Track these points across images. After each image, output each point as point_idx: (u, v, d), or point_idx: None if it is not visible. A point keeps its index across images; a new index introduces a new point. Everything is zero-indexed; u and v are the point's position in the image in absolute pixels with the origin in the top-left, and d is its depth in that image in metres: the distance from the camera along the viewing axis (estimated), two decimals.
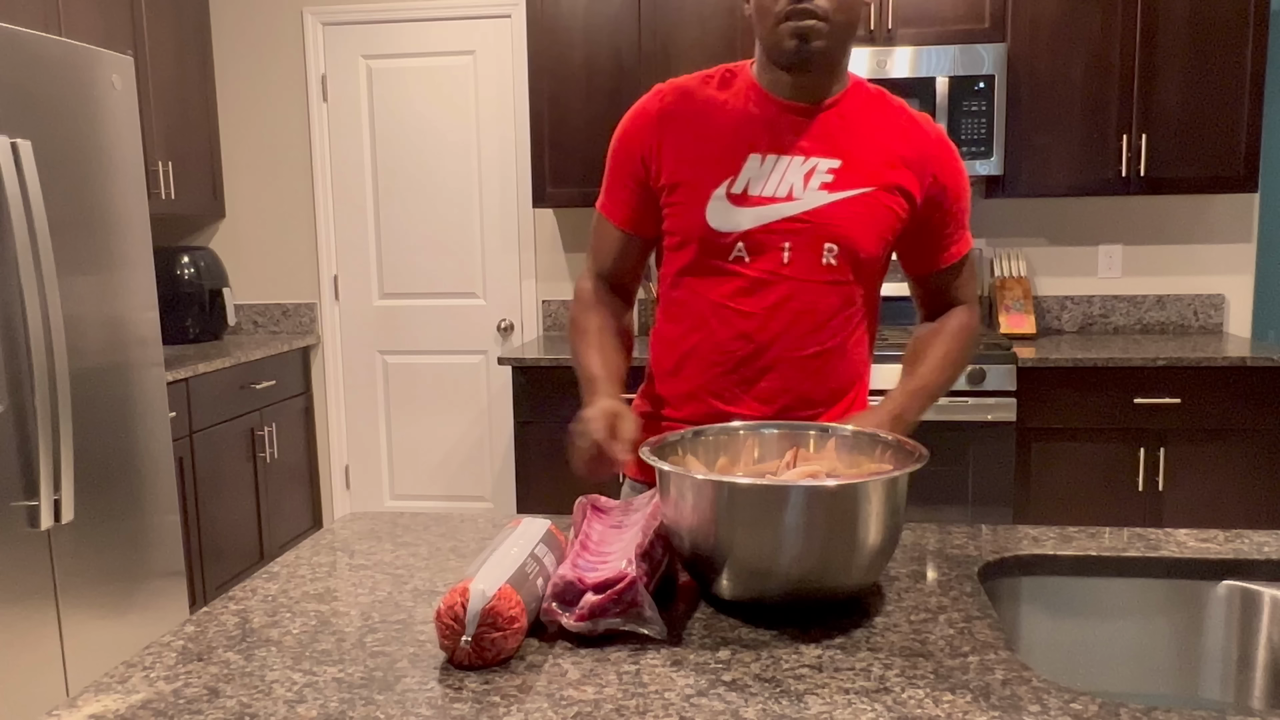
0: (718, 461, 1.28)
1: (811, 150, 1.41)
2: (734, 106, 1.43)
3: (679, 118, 1.45)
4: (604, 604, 1.03)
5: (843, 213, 1.40)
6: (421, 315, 4.14)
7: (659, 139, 1.45)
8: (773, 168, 1.40)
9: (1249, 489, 3.15)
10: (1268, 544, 1.29)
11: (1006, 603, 1.27)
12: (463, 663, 0.98)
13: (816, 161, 1.40)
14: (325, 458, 4.26)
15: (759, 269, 1.42)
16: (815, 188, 1.40)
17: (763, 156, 1.41)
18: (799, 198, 1.40)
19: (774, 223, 1.40)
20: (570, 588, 1.05)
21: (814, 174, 1.40)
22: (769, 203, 1.40)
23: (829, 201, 1.40)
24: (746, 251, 1.41)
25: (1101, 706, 0.88)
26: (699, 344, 1.47)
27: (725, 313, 1.44)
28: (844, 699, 0.90)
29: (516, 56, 3.90)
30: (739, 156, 1.41)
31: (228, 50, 4.08)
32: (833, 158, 1.41)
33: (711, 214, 1.41)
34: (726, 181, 1.41)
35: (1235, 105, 3.28)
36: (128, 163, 2.79)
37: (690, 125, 1.44)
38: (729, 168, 1.41)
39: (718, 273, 1.43)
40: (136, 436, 2.81)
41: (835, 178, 1.40)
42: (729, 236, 1.41)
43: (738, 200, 1.41)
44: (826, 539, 1.04)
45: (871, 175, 1.41)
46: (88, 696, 0.94)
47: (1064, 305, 3.76)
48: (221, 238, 4.19)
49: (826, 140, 1.41)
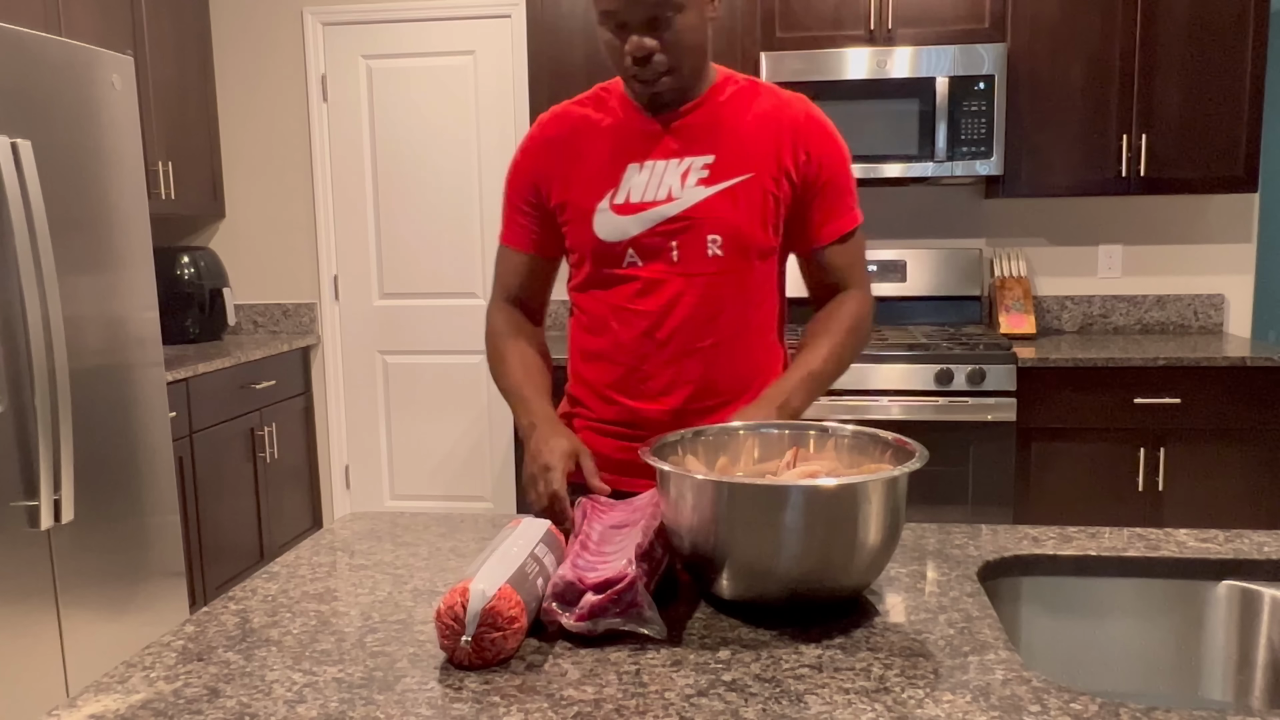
0: (718, 461, 1.28)
1: (684, 151, 1.47)
2: (608, 123, 1.51)
3: (560, 141, 1.53)
4: (604, 604, 1.03)
5: (721, 204, 1.45)
6: (421, 315, 4.14)
7: (547, 163, 1.53)
8: (650, 173, 1.47)
9: (1249, 489, 3.15)
10: (1268, 544, 1.29)
11: (1006, 603, 1.27)
12: (463, 663, 0.98)
13: (691, 160, 1.47)
14: (325, 458, 4.26)
15: (651, 270, 1.48)
16: (693, 184, 1.46)
17: (640, 165, 1.47)
18: (678, 197, 1.46)
19: (658, 225, 1.46)
20: (570, 588, 1.05)
21: (690, 172, 1.46)
22: (651, 206, 1.46)
23: (707, 195, 1.46)
24: (638, 256, 1.48)
25: (1101, 706, 0.88)
26: (604, 347, 1.53)
27: (625, 314, 1.50)
28: (844, 699, 0.90)
29: (516, 56, 3.90)
30: (618, 169, 1.48)
31: (228, 50, 4.08)
32: (706, 154, 1.47)
33: (599, 226, 1.48)
34: (609, 194, 1.48)
35: (1235, 105, 3.28)
36: (128, 163, 2.79)
37: (570, 146, 1.52)
38: (610, 181, 1.48)
39: (614, 280, 1.50)
40: (136, 436, 2.81)
41: (710, 172, 1.46)
42: (619, 245, 1.48)
43: (621, 210, 1.47)
44: (826, 539, 1.04)
45: (746, 163, 1.46)
46: (88, 696, 0.94)
47: (1064, 305, 3.76)
48: (221, 238, 4.19)
49: (698, 139, 1.47)
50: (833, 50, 3.32)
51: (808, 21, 3.39)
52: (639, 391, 1.51)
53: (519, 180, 1.56)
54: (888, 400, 3.17)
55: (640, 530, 1.14)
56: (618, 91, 1.52)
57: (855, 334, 1.52)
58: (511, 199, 1.58)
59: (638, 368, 1.50)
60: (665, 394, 1.50)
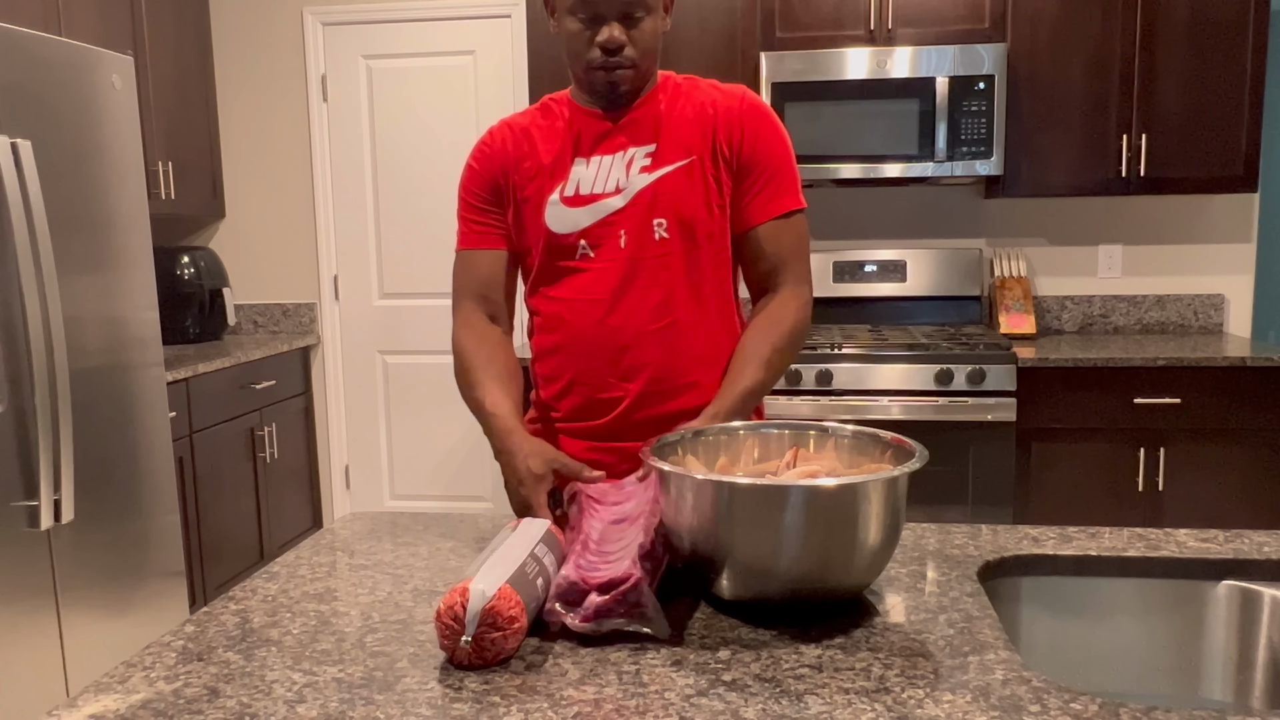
0: (718, 461, 1.28)
1: (628, 143, 1.51)
2: (556, 127, 1.55)
3: (510, 144, 1.56)
4: (609, 605, 1.03)
5: (663, 188, 1.49)
6: (421, 315, 4.14)
7: (501, 163, 1.57)
8: (598, 167, 1.51)
9: (1249, 489, 3.15)
10: (1268, 544, 1.29)
11: (1006, 603, 1.27)
12: (463, 663, 0.97)
13: (634, 150, 1.51)
14: (325, 458, 4.26)
15: (602, 259, 1.51)
16: (636, 172, 1.50)
17: (587, 160, 1.52)
18: (624, 187, 1.50)
19: (609, 215, 1.50)
20: (574, 588, 1.05)
21: (633, 161, 1.51)
22: (600, 198, 1.50)
23: (650, 181, 1.50)
24: (589, 247, 1.51)
25: (1101, 706, 0.88)
26: (562, 341, 1.55)
27: (579, 305, 1.53)
28: (844, 699, 0.90)
29: (516, 56, 3.90)
30: (565, 164, 1.52)
31: (228, 50, 4.08)
32: (648, 144, 1.51)
33: (550, 219, 1.52)
34: (559, 187, 1.52)
35: (1235, 105, 3.28)
36: (128, 163, 2.79)
37: (519, 148, 1.57)
38: (558, 175, 1.53)
39: (565, 272, 1.53)
40: (136, 436, 2.81)
41: (652, 159, 1.50)
42: (571, 237, 1.52)
43: (571, 202, 1.51)
44: (826, 539, 1.04)
45: (685, 148, 1.50)
46: (88, 696, 0.94)
47: (1064, 305, 3.76)
48: (221, 238, 4.19)
49: (641, 131, 1.52)
50: (833, 50, 3.32)
51: (808, 21, 3.39)
52: (599, 380, 1.53)
53: (475, 184, 1.59)
54: (888, 400, 3.17)
55: (641, 529, 1.14)
56: (564, 99, 1.57)
57: (793, 339, 1.53)
58: (470, 202, 1.61)
59: (595, 355, 1.52)
60: (626, 379, 1.51)
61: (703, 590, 1.16)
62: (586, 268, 1.52)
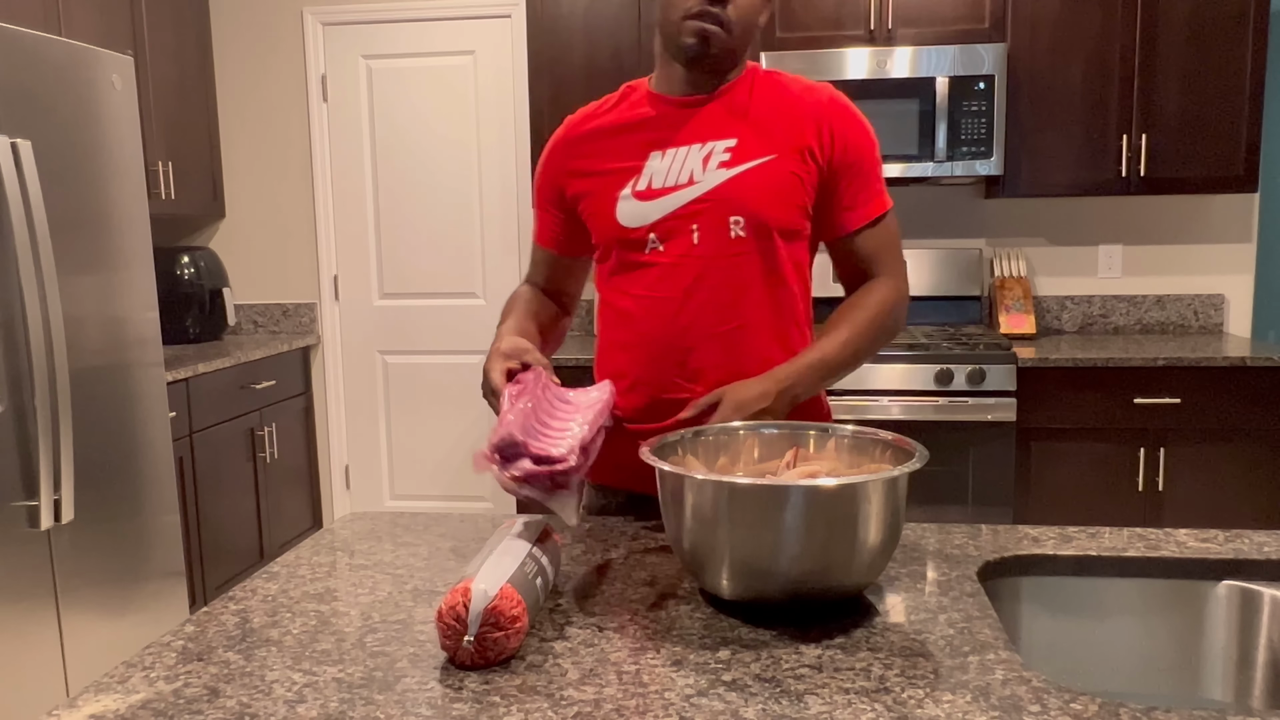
0: (718, 461, 1.28)
1: (707, 135, 1.47)
2: (632, 116, 1.52)
3: (584, 138, 1.55)
4: (539, 476, 1.11)
5: (743, 184, 1.44)
6: (421, 315, 4.14)
7: (569, 160, 1.55)
8: (673, 160, 1.47)
9: (1249, 489, 3.15)
10: (1268, 544, 1.29)
11: (1006, 603, 1.27)
12: (464, 663, 0.98)
13: (713, 144, 1.46)
14: (325, 458, 4.26)
15: (672, 255, 1.47)
16: (714, 167, 1.45)
17: (663, 153, 1.48)
18: (700, 180, 1.45)
19: (679, 208, 1.46)
20: (513, 447, 1.12)
21: (712, 155, 1.46)
22: (672, 191, 1.46)
23: (728, 177, 1.45)
24: (659, 241, 1.48)
25: (1101, 706, 0.88)
26: (628, 339, 1.53)
27: (647, 303, 1.49)
28: (844, 699, 0.90)
29: (516, 56, 3.90)
30: (640, 158, 1.49)
31: (228, 50, 4.08)
32: (728, 138, 1.46)
33: (621, 214, 1.49)
34: (631, 182, 1.48)
35: (1235, 105, 3.28)
36: (128, 163, 2.79)
37: (594, 142, 1.53)
38: (632, 170, 1.49)
39: (636, 267, 1.50)
40: (136, 436, 2.81)
41: (732, 154, 1.45)
42: (640, 231, 1.48)
43: (643, 196, 1.48)
44: (826, 539, 1.04)
45: (769, 145, 1.45)
46: (88, 696, 0.94)
47: (1064, 305, 3.76)
48: (221, 238, 4.19)
49: (721, 123, 1.47)
50: (833, 50, 3.32)
51: (808, 21, 3.39)
52: (665, 380, 1.49)
53: (543, 180, 1.59)
54: (888, 400, 3.17)
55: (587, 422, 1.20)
56: (642, 88, 1.54)
57: (877, 324, 1.48)
58: (538, 199, 1.62)
59: (661, 355, 1.49)
60: (691, 381, 1.47)
61: (703, 590, 1.16)
62: (656, 262, 1.48)
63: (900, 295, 1.52)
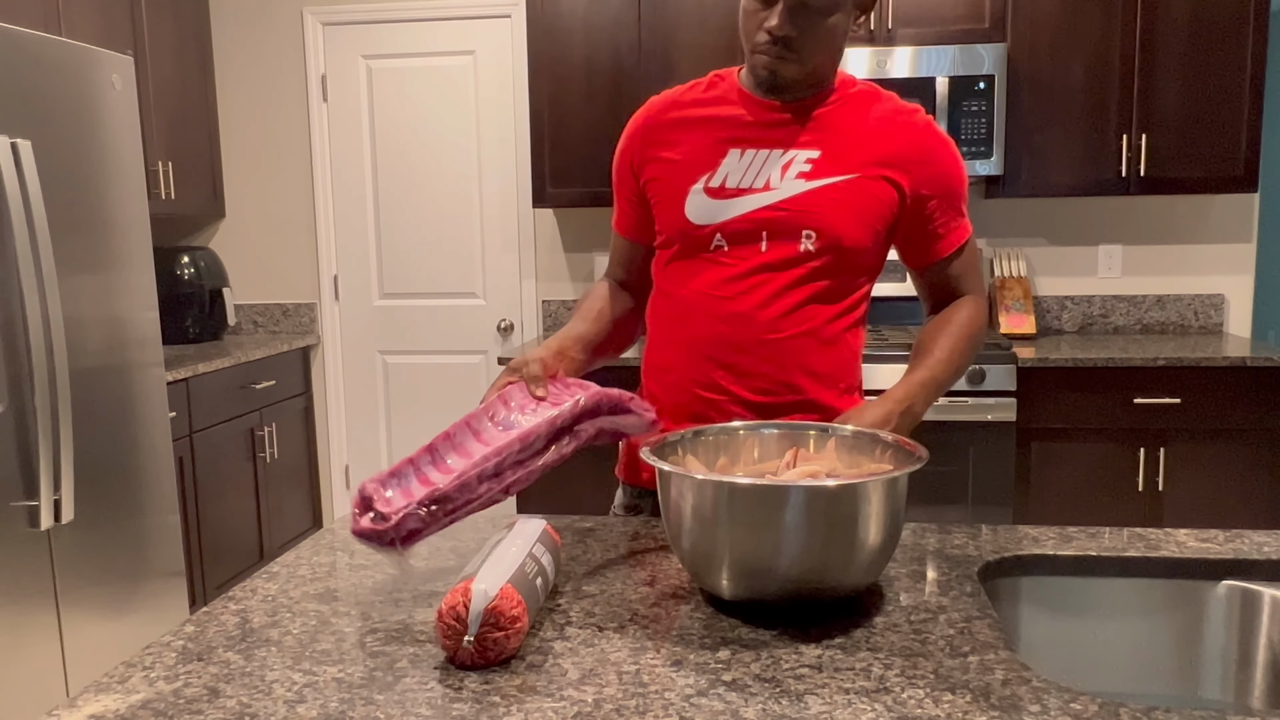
0: (718, 461, 1.28)
1: (791, 143, 1.43)
2: (717, 108, 1.48)
3: (664, 124, 1.51)
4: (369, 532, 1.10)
5: (820, 200, 1.41)
6: (421, 315, 4.14)
7: (645, 146, 1.52)
8: (751, 161, 1.44)
9: (1249, 489, 3.15)
10: (1268, 544, 1.29)
11: (1006, 603, 1.27)
12: (465, 663, 0.98)
13: (795, 153, 1.43)
14: (325, 458, 4.26)
15: (737, 258, 1.44)
16: (792, 177, 1.42)
17: (741, 152, 1.44)
18: (776, 188, 1.42)
19: (751, 213, 1.43)
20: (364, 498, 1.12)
21: (792, 164, 1.43)
22: (746, 194, 1.43)
23: (806, 189, 1.42)
24: (725, 242, 1.44)
25: (1101, 706, 0.88)
26: (680, 334, 1.50)
27: (706, 301, 1.46)
28: (844, 699, 0.90)
29: (516, 56, 3.90)
30: (719, 154, 1.45)
31: (228, 50, 4.08)
32: (812, 149, 1.43)
33: (690, 208, 1.45)
34: (705, 177, 1.45)
35: (1235, 105, 3.28)
36: (128, 163, 2.79)
37: (674, 129, 1.50)
38: (708, 164, 1.45)
39: (700, 265, 1.46)
40: (136, 436, 2.81)
41: (813, 167, 1.42)
42: (707, 229, 1.45)
43: (715, 194, 1.44)
44: (826, 539, 1.04)
45: (853, 164, 1.42)
46: (88, 696, 0.94)
47: (1064, 305, 3.76)
48: (221, 238, 4.19)
49: (806, 133, 1.44)
50: None
51: None
52: (710, 379, 1.47)
53: (621, 165, 1.56)
54: None
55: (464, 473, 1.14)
56: (730, 79, 1.50)
57: (972, 340, 1.48)
58: (616, 185, 1.58)
59: (712, 356, 1.46)
60: (736, 382, 1.46)
61: (703, 590, 1.16)
62: (720, 262, 1.44)
63: (985, 311, 1.54)
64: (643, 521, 1.46)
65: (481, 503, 1.16)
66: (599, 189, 3.52)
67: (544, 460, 1.20)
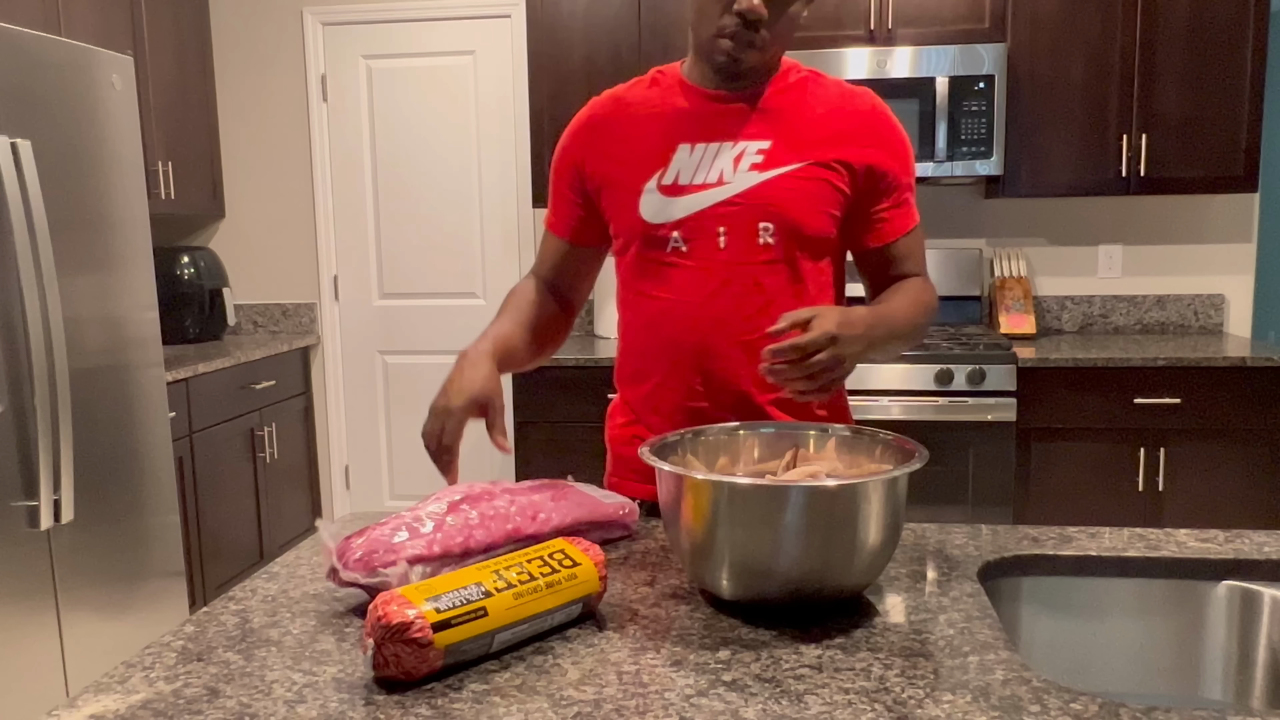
0: (718, 461, 1.28)
1: (740, 134, 1.41)
2: (662, 103, 1.46)
3: (609, 121, 1.48)
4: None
5: (775, 190, 1.39)
6: (421, 315, 4.14)
7: (591, 144, 1.49)
8: (702, 156, 1.42)
9: (1249, 489, 3.15)
10: (1268, 544, 1.29)
11: (1006, 603, 1.27)
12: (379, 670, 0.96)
13: (746, 144, 1.41)
14: (325, 458, 4.26)
15: (696, 257, 1.42)
16: (745, 169, 1.40)
17: (692, 146, 1.42)
18: (729, 181, 1.40)
19: (707, 208, 1.41)
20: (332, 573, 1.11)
21: (744, 156, 1.40)
22: (700, 189, 1.41)
23: (760, 181, 1.39)
24: (683, 240, 1.42)
25: (1101, 706, 0.88)
26: (649, 343, 1.48)
27: (668, 305, 1.45)
28: (844, 699, 0.90)
29: (516, 56, 3.90)
30: (668, 149, 1.43)
31: (228, 50, 4.08)
32: (762, 139, 1.40)
33: (645, 207, 1.43)
34: (657, 174, 1.43)
35: (1235, 105, 3.28)
36: (128, 163, 2.79)
37: (620, 126, 1.47)
38: (658, 161, 1.43)
39: (659, 267, 1.45)
40: (136, 436, 2.81)
41: (765, 157, 1.40)
42: (664, 228, 1.43)
43: (669, 191, 1.42)
44: (826, 539, 1.04)
45: (804, 151, 1.40)
46: (88, 696, 0.94)
47: (1064, 305, 3.76)
48: (221, 238, 4.19)
49: (755, 123, 1.41)
50: (833, 50, 3.31)
51: (807, 21, 3.38)
52: (686, 387, 1.45)
53: (563, 163, 1.52)
54: (888, 400, 3.17)
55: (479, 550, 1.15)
56: (673, 74, 1.48)
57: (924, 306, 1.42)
58: (555, 182, 1.54)
59: (683, 361, 1.45)
60: (713, 389, 1.44)
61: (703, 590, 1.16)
62: (680, 264, 1.42)
63: (934, 291, 1.48)
64: (642, 522, 1.46)
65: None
66: None
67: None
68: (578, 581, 1.05)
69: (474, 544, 1.16)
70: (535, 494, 1.27)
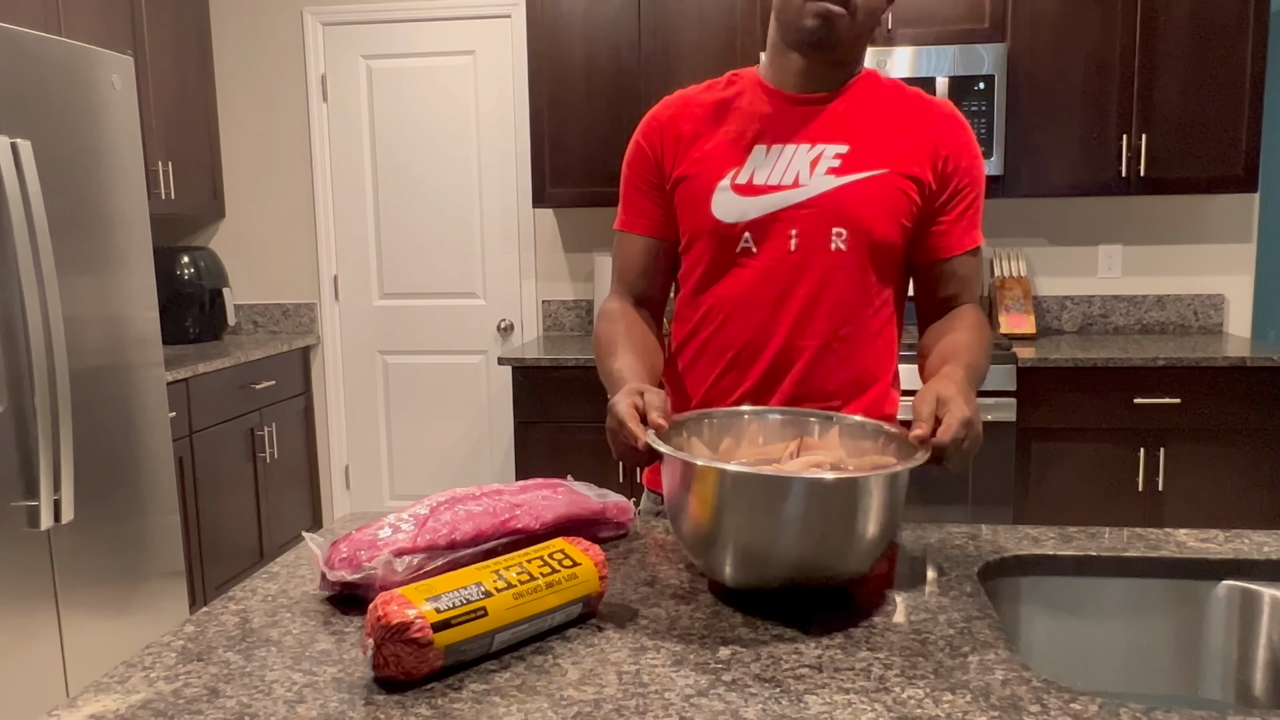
0: (722, 443, 1.27)
1: (818, 137, 1.40)
2: (739, 104, 1.45)
3: (685, 120, 1.47)
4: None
5: (850, 195, 1.38)
6: (421, 315, 4.14)
7: (669, 140, 1.47)
8: (778, 156, 1.40)
9: (1249, 489, 3.15)
10: (1268, 544, 1.29)
11: (1006, 603, 1.27)
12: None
13: (824, 148, 1.40)
14: (325, 458, 4.26)
15: (767, 258, 1.41)
16: (822, 173, 1.39)
17: (768, 147, 1.41)
18: (805, 184, 1.39)
19: (780, 210, 1.39)
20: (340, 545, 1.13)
21: (820, 159, 1.39)
22: (775, 190, 1.40)
23: (836, 185, 1.38)
24: (753, 241, 1.41)
25: (1101, 706, 0.88)
26: (709, 340, 1.47)
27: (734, 305, 1.43)
28: (844, 699, 0.90)
29: (516, 56, 3.90)
30: (744, 149, 1.42)
31: (228, 50, 4.08)
32: (840, 143, 1.39)
33: (717, 206, 1.42)
34: (731, 173, 1.41)
35: (1235, 105, 3.28)
36: (128, 163, 2.79)
37: (697, 125, 1.46)
38: (734, 160, 1.42)
39: (727, 266, 1.43)
40: (136, 436, 2.81)
41: (842, 162, 1.39)
42: (736, 227, 1.41)
43: (743, 190, 1.41)
44: (825, 530, 1.04)
45: (881, 158, 1.39)
46: (88, 696, 0.94)
47: (1064, 305, 3.76)
48: (221, 238, 4.19)
49: (834, 127, 1.40)
50: None
51: None
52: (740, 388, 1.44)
53: (639, 160, 1.50)
54: None
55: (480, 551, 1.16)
56: (750, 76, 1.47)
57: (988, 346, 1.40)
58: (631, 180, 1.51)
59: (738, 364, 1.44)
60: (771, 392, 1.43)
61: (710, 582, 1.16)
62: (748, 264, 1.41)
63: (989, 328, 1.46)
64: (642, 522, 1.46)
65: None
66: (599, 189, 3.52)
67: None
68: (578, 581, 1.05)
69: (460, 535, 1.16)
70: (524, 493, 1.27)
